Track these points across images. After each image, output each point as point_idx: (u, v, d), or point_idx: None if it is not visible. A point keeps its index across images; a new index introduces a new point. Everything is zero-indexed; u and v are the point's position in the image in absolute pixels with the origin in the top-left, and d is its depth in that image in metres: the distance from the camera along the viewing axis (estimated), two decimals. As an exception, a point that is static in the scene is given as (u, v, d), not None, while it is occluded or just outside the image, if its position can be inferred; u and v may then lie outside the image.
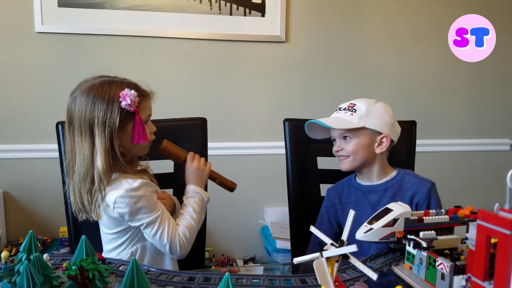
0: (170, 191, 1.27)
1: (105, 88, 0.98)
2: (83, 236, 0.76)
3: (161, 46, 2.08)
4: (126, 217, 1.00)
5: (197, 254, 1.31)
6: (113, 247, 1.06)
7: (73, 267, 0.70)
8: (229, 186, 1.20)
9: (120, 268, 0.86)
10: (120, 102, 0.97)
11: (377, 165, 1.23)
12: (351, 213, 0.62)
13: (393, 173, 1.24)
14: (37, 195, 2.01)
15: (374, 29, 2.26)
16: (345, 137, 1.21)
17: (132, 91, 0.98)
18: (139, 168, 1.10)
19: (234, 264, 2.14)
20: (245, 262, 2.16)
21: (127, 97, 0.96)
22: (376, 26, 2.26)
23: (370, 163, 1.22)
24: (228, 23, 2.10)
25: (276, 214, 2.18)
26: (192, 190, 1.11)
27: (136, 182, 0.99)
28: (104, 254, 1.08)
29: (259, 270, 1.83)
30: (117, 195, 0.97)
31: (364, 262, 0.86)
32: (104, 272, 0.74)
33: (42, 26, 1.95)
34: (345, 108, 1.22)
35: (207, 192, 1.15)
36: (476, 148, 2.41)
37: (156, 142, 1.11)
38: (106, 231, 1.06)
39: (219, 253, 2.22)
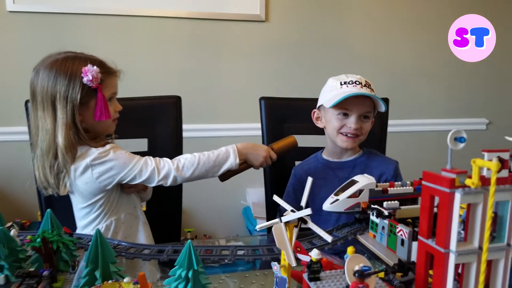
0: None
1: (68, 63, 0.98)
2: (48, 210, 0.76)
3: (139, 26, 2.04)
4: (107, 173, 1.00)
5: (173, 232, 1.33)
6: (87, 222, 1.07)
7: (38, 240, 0.70)
8: (292, 143, 1.18)
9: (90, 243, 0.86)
10: (82, 77, 0.97)
11: None
12: (309, 180, 0.63)
13: (360, 151, 1.27)
14: (15, 179, 1.98)
15: (356, 10, 2.25)
16: (366, 117, 1.19)
17: (95, 67, 0.97)
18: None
19: (216, 243, 2.17)
20: (227, 242, 2.19)
21: (89, 73, 0.96)
22: (358, 6, 2.25)
23: None
24: (207, 1, 2.07)
25: (258, 195, 2.20)
26: (229, 146, 1.09)
27: (106, 147, 1.01)
28: (79, 231, 1.08)
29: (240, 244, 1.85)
30: (91, 158, 0.99)
31: (330, 231, 0.89)
32: (71, 245, 0.75)
33: (14, 4, 1.88)
34: (365, 85, 1.18)
35: (238, 161, 1.07)
36: (453, 127, 2.43)
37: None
38: (80, 205, 1.06)
39: (201, 234, 2.24)
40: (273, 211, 1.41)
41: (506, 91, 2.53)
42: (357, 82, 1.17)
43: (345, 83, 1.18)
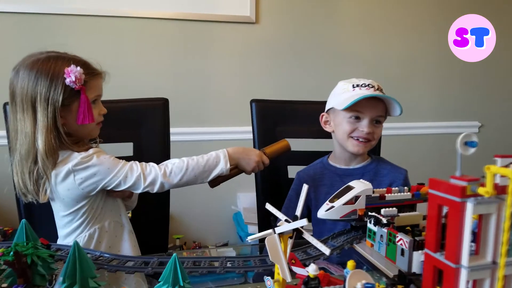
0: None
1: (50, 64, 0.92)
2: (23, 220, 0.70)
3: (126, 27, 1.98)
4: (90, 179, 0.94)
5: (160, 239, 1.28)
6: (69, 230, 1.01)
7: (11, 253, 0.65)
8: (285, 147, 1.13)
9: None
10: (65, 78, 0.91)
11: None
12: (305, 187, 0.59)
13: (369, 158, 1.22)
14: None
15: (347, 12, 2.23)
16: (378, 121, 1.15)
17: (78, 68, 0.92)
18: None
19: (206, 251, 2.11)
20: (217, 249, 2.14)
21: (72, 74, 0.91)
22: (349, 8, 2.23)
23: None
24: (196, 2, 2.02)
25: (249, 200, 2.15)
26: (220, 151, 1.04)
27: (89, 152, 0.96)
28: (60, 240, 1.03)
29: (231, 253, 1.80)
30: (73, 163, 0.93)
31: (326, 240, 0.85)
32: (48, 258, 0.70)
33: (-4, 4, 1.82)
34: (378, 88, 1.14)
35: (229, 167, 1.02)
36: (445, 130, 2.44)
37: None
38: (62, 213, 1.00)
39: (190, 240, 2.18)
40: (265, 217, 1.37)
41: (498, 94, 2.53)
42: (370, 85, 1.13)
43: (357, 85, 1.14)
